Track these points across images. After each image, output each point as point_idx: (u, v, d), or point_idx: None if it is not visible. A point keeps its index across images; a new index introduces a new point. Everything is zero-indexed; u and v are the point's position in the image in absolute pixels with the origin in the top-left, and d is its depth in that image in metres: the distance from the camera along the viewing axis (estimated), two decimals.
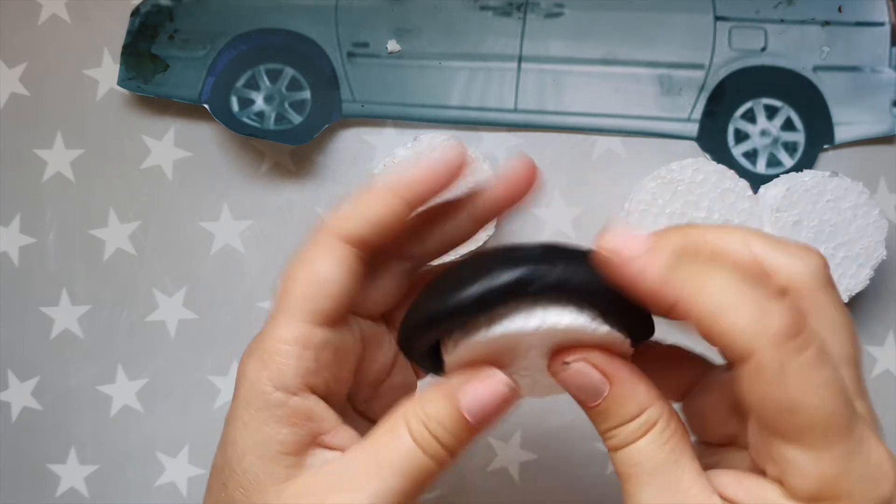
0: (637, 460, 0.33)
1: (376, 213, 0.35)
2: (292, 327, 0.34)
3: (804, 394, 0.29)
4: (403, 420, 0.34)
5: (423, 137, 0.52)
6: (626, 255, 0.31)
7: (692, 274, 0.30)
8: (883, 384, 0.55)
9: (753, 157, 0.55)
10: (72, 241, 0.57)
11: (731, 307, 0.29)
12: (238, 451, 0.34)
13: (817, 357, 0.29)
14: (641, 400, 0.33)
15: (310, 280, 0.34)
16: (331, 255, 0.35)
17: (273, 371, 0.34)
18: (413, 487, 0.33)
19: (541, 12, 0.55)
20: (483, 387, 0.34)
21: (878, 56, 0.55)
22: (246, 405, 0.34)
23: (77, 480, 0.57)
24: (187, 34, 0.55)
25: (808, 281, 0.31)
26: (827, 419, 0.29)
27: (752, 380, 0.29)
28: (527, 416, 0.56)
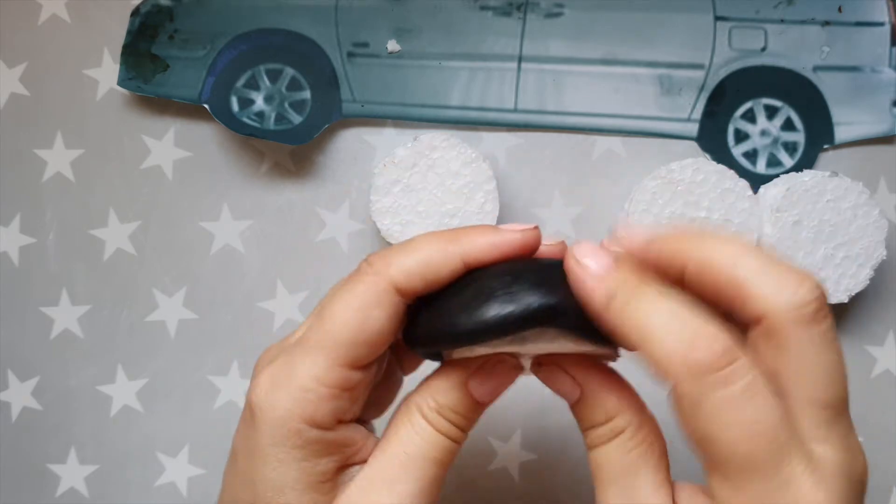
0: (601, 462, 0.34)
1: (435, 269, 0.35)
2: (333, 370, 0.34)
3: (716, 428, 0.29)
4: (418, 412, 0.35)
5: (423, 137, 0.52)
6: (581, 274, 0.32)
7: (634, 301, 0.31)
8: (883, 384, 0.55)
9: (753, 157, 0.55)
10: (72, 241, 0.57)
11: (659, 337, 0.30)
12: (275, 486, 0.34)
13: (741, 393, 0.29)
14: (609, 408, 0.34)
15: (358, 327, 0.34)
16: (384, 305, 0.34)
17: (307, 409, 0.34)
18: (442, 470, 0.35)
19: (541, 12, 0.55)
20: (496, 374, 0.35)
21: (878, 56, 0.55)
22: (279, 443, 0.34)
23: (77, 480, 0.57)
24: (187, 34, 0.55)
25: (789, 315, 0.30)
26: (739, 456, 0.29)
27: (675, 407, 0.30)
28: (527, 416, 0.56)
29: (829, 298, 0.51)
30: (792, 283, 0.31)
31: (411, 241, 0.35)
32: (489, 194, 0.52)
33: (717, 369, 0.29)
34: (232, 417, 0.56)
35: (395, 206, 0.52)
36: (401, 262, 0.34)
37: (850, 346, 0.55)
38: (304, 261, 0.56)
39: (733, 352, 0.30)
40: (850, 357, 0.55)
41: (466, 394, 0.35)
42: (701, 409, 0.29)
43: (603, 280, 0.32)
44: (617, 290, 0.31)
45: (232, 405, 0.57)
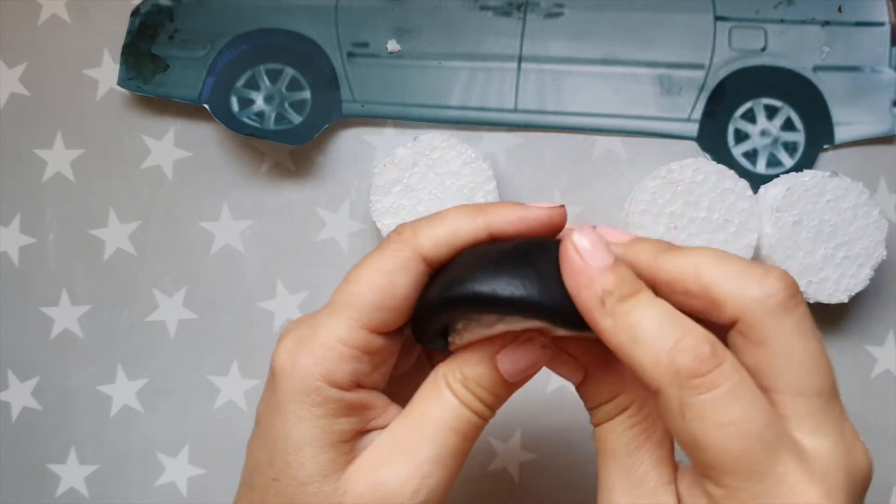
0: (604, 437, 0.35)
1: (461, 239, 0.35)
2: (354, 330, 0.35)
3: (704, 431, 0.29)
4: (444, 383, 0.35)
5: (423, 137, 0.52)
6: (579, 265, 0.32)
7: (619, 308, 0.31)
8: (883, 384, 0.55)
9: (753, 157, 0.55)
10: (72, 241, 0.57)
11: (642, 343, 0.30)
12: (293, 444, 0.34)
13: (726, 394, 0.29)
14: (613, 386, 0.35)
15: (383, 292, 0.35)
16: (409, 272, 0.35)
17: (328, 367, 0.34)
18: (464, 442, 0.35)
19: (541, 12, 0.55)
20: (522, 352, 0.35)
21: (878, 56, 0.55)
22: (299, 399, 0.34)
23: (77, 480, 0.57)
24: (187, 34, 0.55)
25: (759, 309, 0.31)
26: (730, 458, 0.29)
27: (663, 413, 0.31)
28: (527, 415, 0.56)
29: (830, 298, 0.52)
30: (756, 277, 0.31)
31: (440, 213, 0.36)
32: (489, 194, 0.52)
33: (702, 373, 0.29)
34: (232, 417, 0.56)
35: (395, 206, 0.52)
36: (428, 232, 0.35)
37: (850, 346, 0.55)
38: (304, 261, 0.56)
39: (719, 354, 0.30)
40: (850, 357, 0.55)
41: (494, 369, 0.35)
42: (688, 413, 0.29)
43: (602, 276, 0.32)
44: (615, 289, 0.32)
45: (232, 405, 0.57)
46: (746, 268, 0.32)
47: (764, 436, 0.29)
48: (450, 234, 0.35)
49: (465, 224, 0.35)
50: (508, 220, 0.35)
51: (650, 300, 0.32)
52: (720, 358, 0.30)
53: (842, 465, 0.31)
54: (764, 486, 0.29)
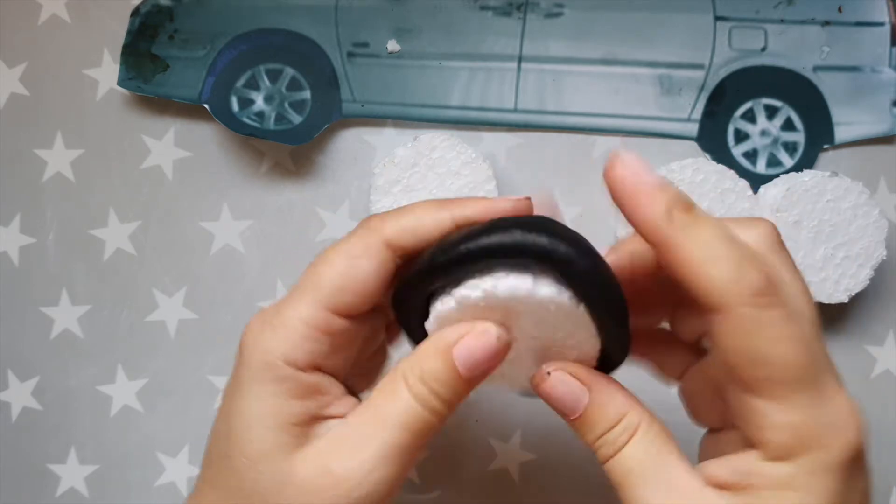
0: (628, 466, 0.34)
1: (427, 229, 0.36)
2: (315, 311, 0.35)
3: (773, 346, 0.30)
4: (402, 378, 0.35)
5: (423, 137, 0.52)
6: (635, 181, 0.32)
7: (686, 220, 0.31)
8: (883, 384, 0.55)
9: (753, 157, 0.55)
10: (72, 241, 0.57)
11: (715, 259, 0.30)
12: (245, 420, 0.34)
13: (788, 314, 0.30)
14: (620, 405, 0.35)
15: (346, 274, 0.35)
16: (373, 257, 0.36)
17: (287, 346, 0.35)
18: (414, 441, 0.35)
19: (541, 12, 0.55)
20: (476, 341, 0.35)
21: (878, 56, 0.55)
22: (256, 376, 0.35)
23: (77, 480, 0.57)
24: (187, 34, 0.55)
25: (763, 247, 0.33)
26: (794, 370, 0.30)
27: (725, 331, 0.31)
28: (527, 416, 0.56)
29: (830, 298, 0.52)
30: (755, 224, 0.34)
31: (407, 205, 0.37)
32: (489, 194, 0.52)
33: (769, 293, 0.30)
34: None
35: (396, 206, 0.52)
36: (394, 220, 0.36)
37: (850, 347, 0.55)
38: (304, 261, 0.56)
39: (776, 277, 0.31)
40: (850, 357, 0.55)
41: (450, 363, 0.35)
42: (758, 329, 0.30)
43: (665, 187, 0.32)
44: (676, 203, 0.31)
45: None
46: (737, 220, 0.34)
47: (817, 349, 0.31)
48: (415, 222, 0.36)
49: (429, 215, 0.36)
50: (474, 210, 0.36)
51: (708, 216, 0.32)
52: (777, 279, 0.31)
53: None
54: (818, 395, 0.31)
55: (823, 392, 0.31)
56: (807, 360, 0.30)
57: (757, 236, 0.33)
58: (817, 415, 0.31)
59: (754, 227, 0.33)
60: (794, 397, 0.30)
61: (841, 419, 0.31)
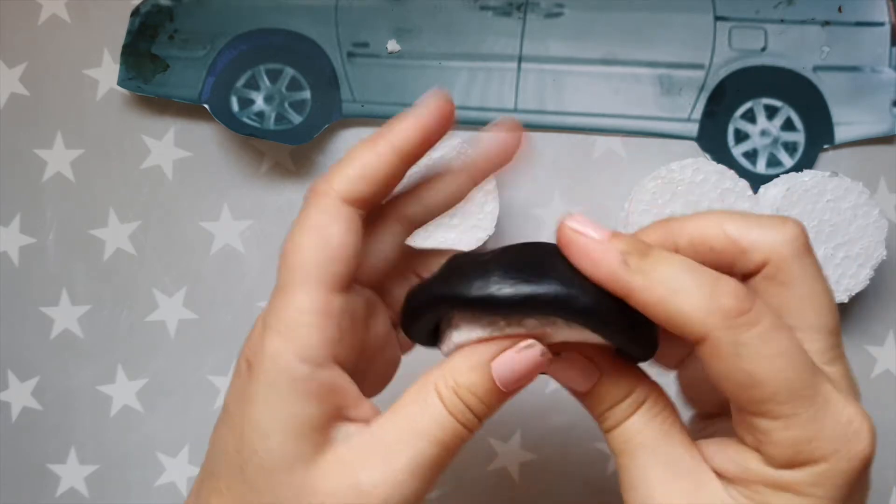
0: (630, 435, 0.34)
1: (374, 168, 0.35)
2: (312, 296, 0.33)
3: (759, 366, 0.30)
4: (433, 388, 0.34)
5: None
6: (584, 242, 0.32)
7: (643, 265, 0.31)
8: (883, 384, 0.55)
9: (753, 157, 0.55)
10: (72, 241, 0.57)
11: (681, 291, 0.30)
12: (261, 431, 0.33)
13: (770, 329, 0.30)
14: (629, 381, 0.35)
15: (321, 245, 0.34)
16: (338, 218, 0.34)
17: (298, 344, 0.33)
18: (445, 455, 0.34)
19: (541, 12, 0.55)
20: (519, 356, 0.34)
21: (878, 56, 0.55)
22: (270, 382, 0.33)
23: (77, 480, 0.57)
24: (187, 34, 0.55)
25: (784, 251, 0.32)
26: (786, 386, 0.30)
27: (710, 359, 0.31)
28: (527, 416, 0.56)
29: None
30: (777, 224, 0.33)
31: (345, 155, 0.35)
32: (489, 194, 0.52)
33: (743, 312, 0.30)
34: None
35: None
36: (340, 175, 0.34)
37: (851, 347, 0.55)
38: None
39: (750, 295, 0.31)
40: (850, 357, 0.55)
41: (488, 377, 0.34)
42: (740, 351, 0.30)
43: (611, 243, 0.32)
44: (629, 251, 0.32)
45: None
46: (767, 219, 0.33)
47: (807, 361, 0.30)
48: (359, 169, 0.34)
49: (369, 154, 0.35)
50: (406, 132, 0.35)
51: (669, 254, 0.32)
52: (752, 297, 0.31)
53: (855, 389, 0.33)
54: (816, 408, 0.30)
55: (822, 403, 0.30)
56: (795, 374, 0.30)
57: (781, 238, 0.32)
58: (820, 429, 0.30)
59: (780, 228, 0.33)
60: (790, 413, 0.30)
61: (844, 430, 0.30)
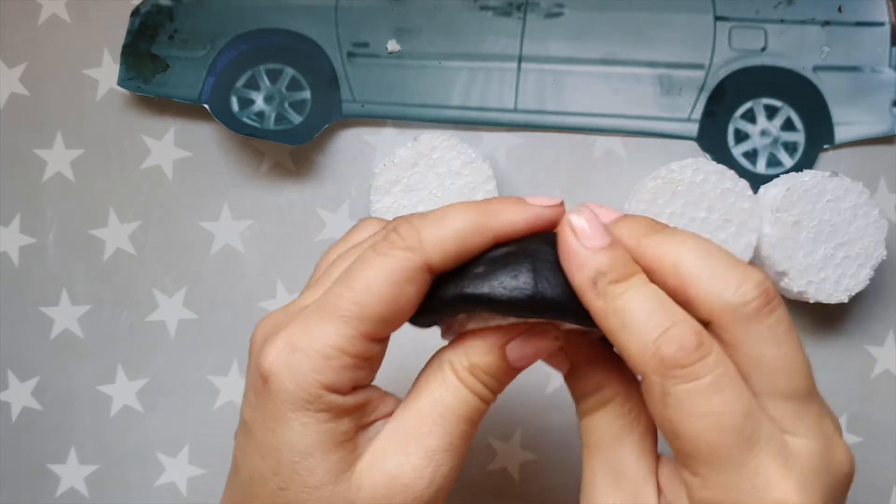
0: (588, 430, 0.35)
1: (469, 248, 0.34)
2: (358, 342, 0.34)
3: (684, 422, 0.30)
4: (450, 370, 0.35)
5: (423, 137, 0.52)
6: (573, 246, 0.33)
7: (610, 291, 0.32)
8: (883, 384, 0.55)
9: (753, 157, 0.55)
10: (72, 241, 0.57)
11: (629, 329, 0.31)
12: (300, 451, 0.33)
13: (708, 387, 0.30)
14: (598, 379, 0.35)
15: (394, 304, 0.34)
16: (419, 285, 0.34)
17: (329, 378, 0.33)
18: (471, 428, 0.35)
19: (541, 12, 0.55)
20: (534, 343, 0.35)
21: (879, 56, 0.55)
22: (300, 407, 0.33)
23: (77, 480, 0.57)
24: (187, 34, 0.55)
25: (734, 316, 0.31)
26: (709, 449, 0.30)
27: (646, 399, 0.31)
28: (527, 415, 0.56)
29: (830, 298, 0.52)
30: (733, 282, 0.31)
31: (444, 214, 0.35)
32: (489, 194, 0.52)
33: (685, 364, 0.30)
34: (232, 417, 0.56)
35: (396, 207, 0.52)
36: (435, 239, 0.34)
37: (850, 346, 0.55)
38: (304, 261, 0.56)
39: (706, 346, 0.30)
40: (850, 357, 0.55)
41: (502, 357, 0.35)
42: (668, 401, 0.30)
43: (595, 257, 0.32)
44: (608, 271, 0.32)
45: (232, 405, 0.57)
46: (725, 269, 0.32)
47: (742, 429, 0.30)
48: (458, 244, 0.34)
49: (471, 231, 0.34)
50: (512, 223, 0.35)
51: (642, 285, 0.32)
52: (706, 350, 0.30)
53: (819, 462, 0.31)
54: (739, 477, 0.30)
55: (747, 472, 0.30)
56: (720, 438, 0.30)
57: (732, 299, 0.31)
58: (736, 498, 0.30)
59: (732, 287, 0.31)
60: (712, 475, 0.30)
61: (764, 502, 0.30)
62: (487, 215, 0.35)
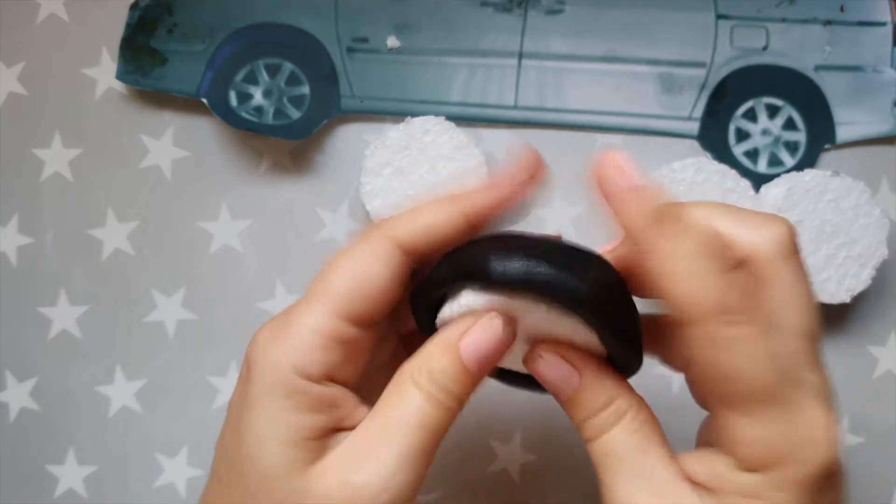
0: (610, 449, 0.34)
1: (439, 227, 0.36)
2: (327, 319, 0.34)
3: (740, 363, 0.30)
4: (410, 380, 0.35)
5: (415, 120, 0.52)
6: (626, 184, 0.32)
7: (667, 231, 0.31)
8: (884, 384, 0.55)
9: (754, 157, 0.54)
10: (70, 241, 0.57)
11: (689, 273, 0.31)
12: (256, 436, 0.34)
13: (760, 332, 0.30)
14: (610, 391, 0.35)
15: (357, 278, 0.35)
16: (383, 259, 0.35)
17: (298, 357, 0.34)
18: (431, 441, 0.34)
19: (542, 9, 0.55)
20: (482, 334, 0.35)
21: (880, 56, 0.55)
22: (267, 390, 0.34)
23: (76, 481, 0.57)
24: (186, 28, 0.55)
25: (767, 252, 0.33)
26: (761, 387, 0.31)
27: (695, 344, 0.31)
28: (527, 416, 0.56)
29: (832, 298, 0.51)
30: (764, 223, 0.33)
31: (416, 206, 0.36)
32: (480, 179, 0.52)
33: (743, 309, 0.30)
34: None
35: (385, 189, 0.52)
36: (405, 222, 0.35)
37: (852, 347, 0.55)
38: (303, 261, 0.56)
39: (750, 295, 0.31)
40: (852, 357, 0.55)
41: (458, 359, 0.35)
42: (723, 345, 0.30)
43: (654, 194, 0.32)
44: (666, 212, 0.32)
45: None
46: (755, 215, 0.33)
47: (788, 367, 0.31)
48: (427, 224, 0.35)
49: (441, 213, 0.36)
50: (482, 201, 0.36)
51: (695, 228, 0.32)
52: (751, 296, 0.31)
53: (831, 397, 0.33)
54: (786, 412, 0.31)
55: (794, 408, 0.31)
56: (774, 377, 0.31)
57: (768, 239, 0.33)
58: (786, 431, 0.31)
59: (768, 228, 0.33)
60: (762, 413, 0.31)
61: (811, 435, 0.31)
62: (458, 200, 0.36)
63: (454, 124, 0.52)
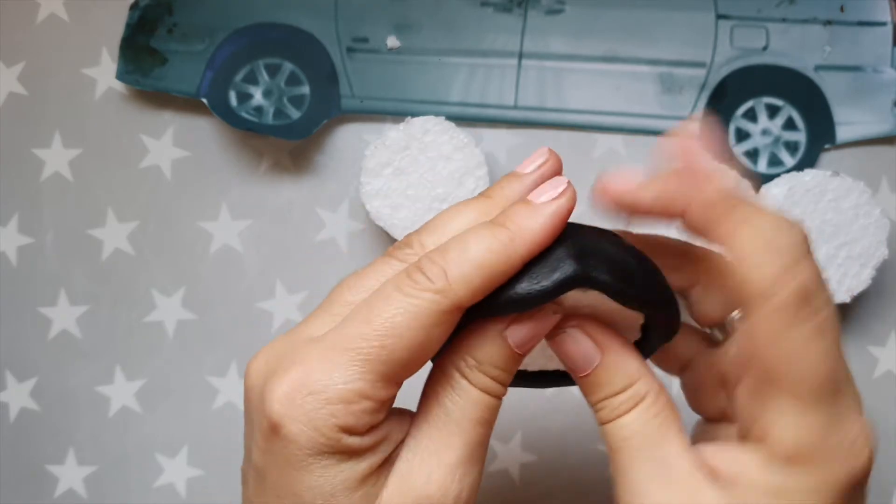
0: (626, 434, 0.34)
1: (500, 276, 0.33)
2: (376, 386, 0.32)
3: (805, 351, 0.30)
4: (457, 373, 0.34)
5: (415, 120, 0.52)
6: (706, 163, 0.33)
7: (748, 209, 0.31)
8: (884, 385, 0.55)
9: (755, 156, 0.54)
10: (70, 241, 0.57)
11: (772, 253, 0.30)
12: (323, 494, 0.32)
13: (825, 325, 0.30)
14: (631, 372, 0.34)
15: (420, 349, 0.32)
16: (447, 327, 0.33)
17: (348, 422, 0.32)
18: (487, 430, 0.34)
19: (542, 9, 0.55)
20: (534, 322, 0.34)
21: (880, 56, 0.55)
22: (318, 452, 0.32)
23: (75, 481, 0.57)
24: (186, 28, 0.55)
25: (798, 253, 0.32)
26: (820, 379, 0.30)
27: (762, 325, 0.31)
28: (527, 417, 0.56)
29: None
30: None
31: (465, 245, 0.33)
32: (480, 180, 0.52)
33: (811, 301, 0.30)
34: (231, 418, 0.56)
35: (385, 189, 0.52)
36: (463, 278, 0.32)
37: (852, 347, 0.55)
38: (303, 261, 0.56)
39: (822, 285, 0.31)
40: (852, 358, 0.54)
41: (505, 345, 0.33)
42: (793, 333, 0.30)
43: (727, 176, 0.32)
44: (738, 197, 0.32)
45: (231, 406, 0.57)
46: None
47: (845, 369, 0.31)
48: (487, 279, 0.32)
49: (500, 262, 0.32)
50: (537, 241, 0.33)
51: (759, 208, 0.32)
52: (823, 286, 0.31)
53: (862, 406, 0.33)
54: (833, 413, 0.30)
55: (841, 411, 0.31)
56: (833, 376, 0.30)
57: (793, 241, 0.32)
58: (829, 433, 0.30)
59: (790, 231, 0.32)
60: (813, 406, 0.30)
61: (851, 445, 0.31)
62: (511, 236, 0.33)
63: (454, 124, 0.52)
